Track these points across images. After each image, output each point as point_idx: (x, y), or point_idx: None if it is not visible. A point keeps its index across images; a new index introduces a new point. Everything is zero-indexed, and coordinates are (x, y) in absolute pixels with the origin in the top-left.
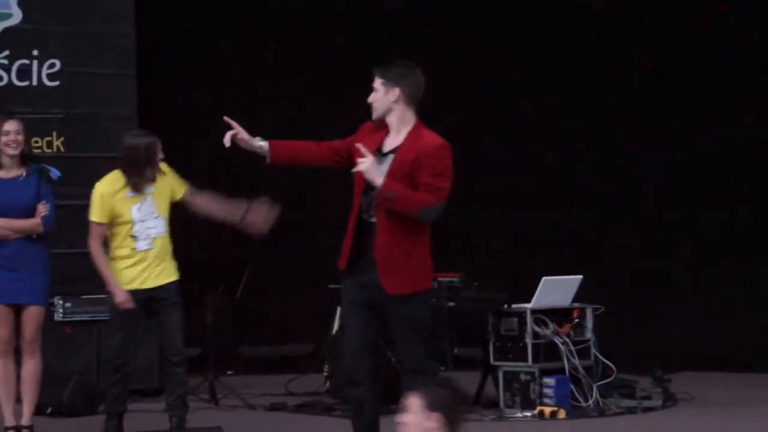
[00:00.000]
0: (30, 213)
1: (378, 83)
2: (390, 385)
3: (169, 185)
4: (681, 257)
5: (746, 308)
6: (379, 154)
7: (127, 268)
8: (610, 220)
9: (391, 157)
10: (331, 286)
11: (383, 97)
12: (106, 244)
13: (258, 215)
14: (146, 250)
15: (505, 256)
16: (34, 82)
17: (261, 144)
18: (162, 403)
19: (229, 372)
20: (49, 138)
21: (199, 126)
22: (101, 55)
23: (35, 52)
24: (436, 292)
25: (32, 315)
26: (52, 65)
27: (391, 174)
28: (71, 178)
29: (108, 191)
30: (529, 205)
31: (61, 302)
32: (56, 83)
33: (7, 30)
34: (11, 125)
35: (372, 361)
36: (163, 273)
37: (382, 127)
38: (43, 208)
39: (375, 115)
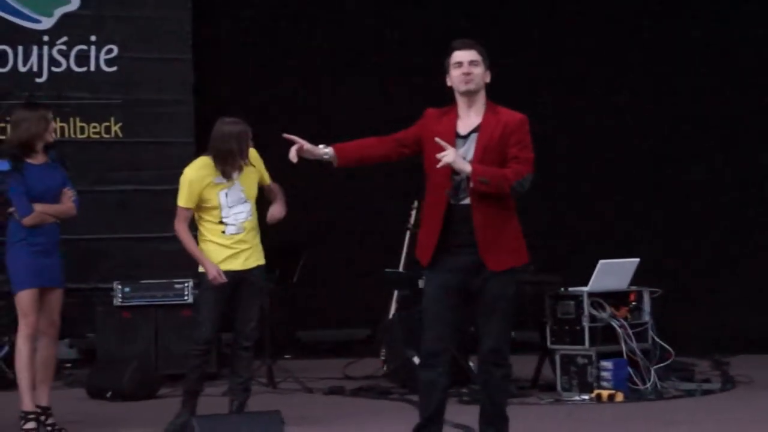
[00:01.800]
0: (57, 198)
1: (478, 58)
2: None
3: (257, 170)
4: (738, 239)
5: None
6: (459, 137)
7: (216, 251)
8: (667, 203)
9: (473, 137)
10: (387, 270)
11: (482, 74)
12: (193, 227)
13: (273, 212)
14: (235, 234)
15: (562, 239)
16: (92, 68)
17: (326, 151)
18: (219, 387)
19: (286, 356)
20: (107, 123)
21: (255, 110)
22: (158, 40)
23: (93, 38)
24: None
25: (59, 297)
26: (110, 51)
27: (481, 152)
28: (129, 163)
29: (196, 177)
30: (586, 188)
31: (120, 287)
32: (114, 69)
33: (65, 16)
34: (50, 115)
35: (453, 346)
36: (252, 256)
37: (449, 112)
38: (70, 193)
39: (471, 87)
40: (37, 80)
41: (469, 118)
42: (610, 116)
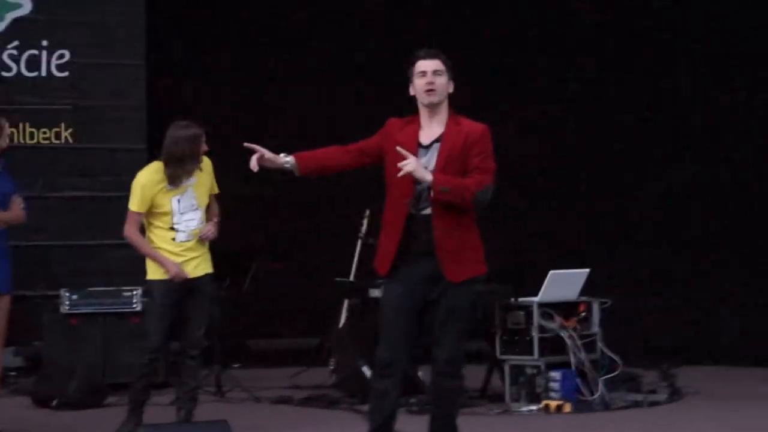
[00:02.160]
0: (6, 205)
1: (442, 67)
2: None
3: (209, 179)
4: (687, 251)
5: (752, 302)
6: (421, 147)
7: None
8: (617, 214)
9: (436, 147)
10: (338, 279)
11: (446, 84)
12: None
13: (206, 233)
14: (185, 242)
15: (512, 250)
16: (43, 73)
17: (287, 160)
18: (167, 396)
19: (235, 365)
20: (57, 129)
21: (209, 116)
22: (111, 46)
23: (44, 43)
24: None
25: (6, 304)
26: (62, 56)
27: (443, 162)
28: (79, 169)
29: (149, 181)
30: (535, 198)
31: (67, 294)
32: (65, 74)
33: (16, 20)
34: (5, 121)
35: (408, 357)
36: (201, 265)
37: (411, 122)
38: (19, 200)
39: (433, 99)
40: None
41: (431, 128)
42: (561, 127)
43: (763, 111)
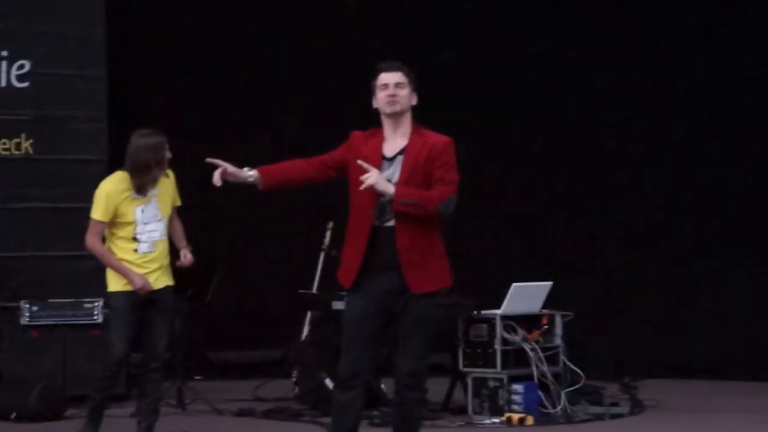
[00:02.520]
0: None
1: (404, 80)
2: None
3: (172, 190)
4: (648, 265)
5: (712, 316)
6: (385, 159)
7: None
8: (579, 227)
9: (399, 159)
10: (301, 291)
11: (408, 96)
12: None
13: (184, 261)
14: (147, 253)
15: (474, 262)
16: (3, 83)
17: (251, 174)
18: (128, 409)
19: (197, 377)
20: (17, 140)
21: (170, 128)
22: (71, 57)
23: (4, 53)
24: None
25: None
26: (22, 66)
27: (407, 174)
28: (39, 180)
29: (114, 190)
30: (498, 210)
31: (27, 306)
32: (26, 84)
33: None
34: None
35: (369, 370)
36: (162, 276)
37: (375, 134)
38: None
39: (397, 108)
40: None
41: (395, 141)
42: (526, 139)
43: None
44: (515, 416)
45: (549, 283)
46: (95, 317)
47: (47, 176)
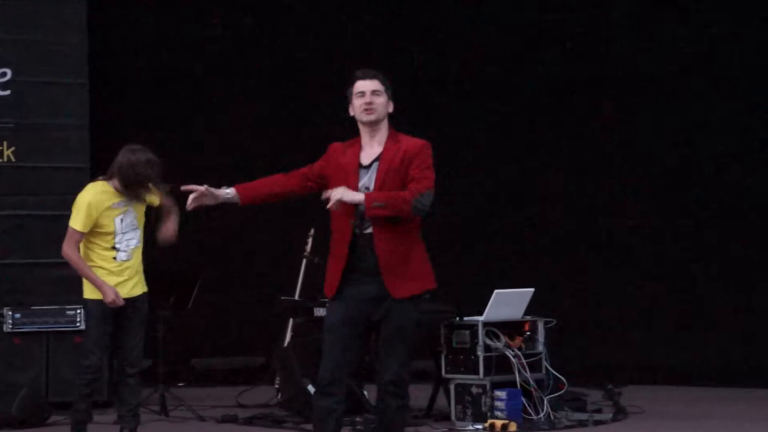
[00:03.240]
0: None
1: (381, 87)
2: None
3: (149, 197)
4: (630, 271)
5: (695, 322)
6: (362, 167)
7: (105, 278)
8: (561, 233)
9: (375, 166)
10: (283, 297)
11: (385, 104)
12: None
13: (166, 230)
14: (125, 261)
15: (457, 269)
16: None
17: (227, 192)
18: (111, 416)
19: (180, 384)
20: None
21: (151, 136)
22: (53, 64)
23: None
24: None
25: None
26: (3, 74)
27: (381, 180)
28: (21, 188)
29: (95, 201)
30: (480, 217)
31: (10, 313)
32: (7, 92)
33: None
34: None
35: (348, 376)
36: (138, 284)
37: (353, 144)
38: None
39: (373, 117)
40: None
41: (372, 148)
42: (504, 143)
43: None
44: (498, 423)
45: (531, 290)
46: (78, 324)
47: (29, 184)
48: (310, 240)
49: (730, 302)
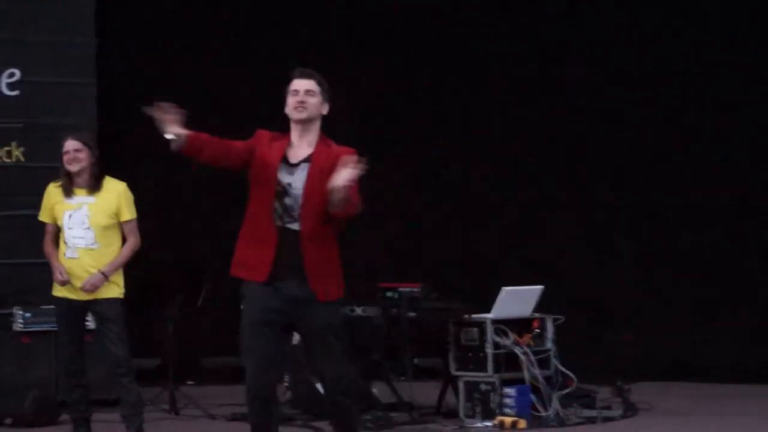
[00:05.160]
0: None
1: (316, 88)
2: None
3: (114, 203)
4: (639, 267)
5: (704, 318)
6: (287, 164)
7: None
8: (569, 230)
9: (304, 167)
10: None
11: (318, 104)
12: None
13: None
14: (71, 258)
15: (465, 266)
16: None
17: (180, 133)
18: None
19: (189, 382)
20: (8, 148)
21: (159, 135)
22: (61, 65)
23: None
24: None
25: None
26: (12, 74)
27: (311, 184)
28: (30, 187)
29: (49, 192)
30: (488, 215)
31: (20, 312)
32: (16, 93)
33: None
34: None
35: (277, 376)
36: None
37: (281, 138)
38: None
39: (303, 115)
40: None
41: (300, 148)
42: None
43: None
44: (507, 419)
45: (540, 287)
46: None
47: (38, 183)
48: None
49: (741, 297)
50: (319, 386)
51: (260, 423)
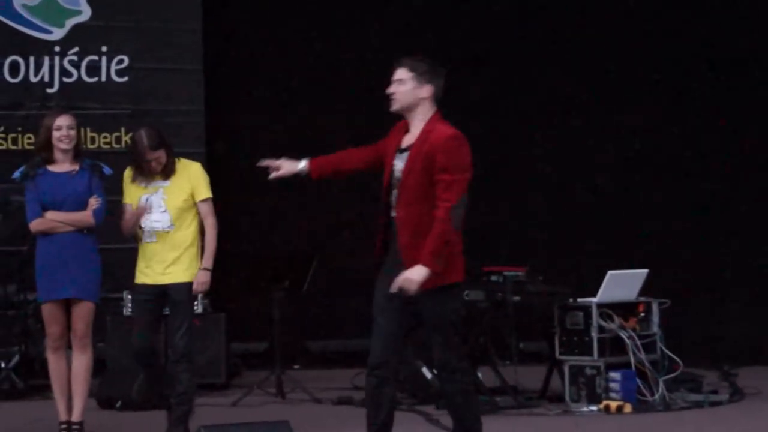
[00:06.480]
0: (81, 208)
1: (406, 75)
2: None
3: (188, 185)
4: (747, 250)
5: None
6: (399, 151)
7: (139, 260)
8: (676, 216)
9: (407, 152)
10: None
11: (411, 90)
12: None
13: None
14: (148, 243)
15: (571, 250)
16: (103, 78)
17: (302, 167)
18: (230, 398)
19: (295, 366)
20: (117, 134)
21: (265, 120)
22: (169, 51)
23: (104, 48)
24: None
25: (82, 310)
26: (121, 61)
27: (407, 172)
28: None
29: (127, 175)
30: (595, 200)
31: (129, 297)
32: (124, 79)
33: (76, 27)
34: (63, 120)
35: (399, 356)
36: (171, 273)
37: (406, 126)
38: (95, 202)
39: (395, 107)
40: (49, 90)
41: (412, 134)
42: (619, 128)
43: None
44: (613, 404)
45: (645, 271)
46: (196, 307)
47: None
48: None
49: None
50: (425, 371)
51: (373, 403)
